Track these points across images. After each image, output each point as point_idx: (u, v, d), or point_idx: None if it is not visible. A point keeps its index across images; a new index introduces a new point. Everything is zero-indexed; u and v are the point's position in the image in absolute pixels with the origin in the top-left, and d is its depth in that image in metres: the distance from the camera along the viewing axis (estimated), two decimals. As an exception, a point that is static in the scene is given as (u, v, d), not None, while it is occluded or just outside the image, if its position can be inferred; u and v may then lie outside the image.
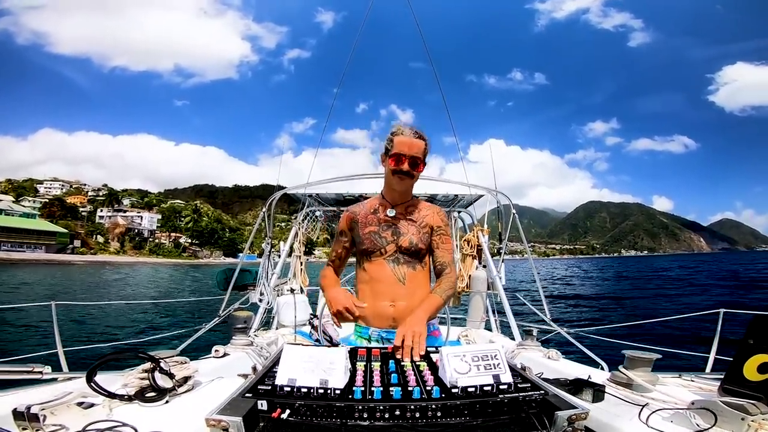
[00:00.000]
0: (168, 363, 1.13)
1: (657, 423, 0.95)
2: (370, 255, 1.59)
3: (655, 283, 27.79)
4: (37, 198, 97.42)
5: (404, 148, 1.50)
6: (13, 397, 1.01)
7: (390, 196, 1.63)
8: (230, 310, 3.40)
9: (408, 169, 1.51)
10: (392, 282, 1.55)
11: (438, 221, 1.63)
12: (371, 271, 1.58)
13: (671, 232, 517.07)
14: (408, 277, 1.55)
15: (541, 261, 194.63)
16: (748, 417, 0.86)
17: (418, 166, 1.53)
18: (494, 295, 3.72)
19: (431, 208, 1.67)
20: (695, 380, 1.30)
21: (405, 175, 1.53)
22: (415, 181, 1.60)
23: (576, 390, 1.16)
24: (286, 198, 4.24)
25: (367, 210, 1.65)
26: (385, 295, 1.55)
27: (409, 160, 1.50)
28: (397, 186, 1.57)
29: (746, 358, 0.94)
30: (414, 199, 1.68)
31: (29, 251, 67.17)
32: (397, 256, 1.56)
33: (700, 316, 2.99)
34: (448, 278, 1.54)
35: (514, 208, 3.79)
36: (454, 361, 0.91)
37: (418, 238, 1.57)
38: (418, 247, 1.57)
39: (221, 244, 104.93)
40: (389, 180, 1.59)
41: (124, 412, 0.97)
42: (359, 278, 1.65)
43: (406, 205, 1.63)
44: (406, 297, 1.54)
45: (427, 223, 1.61)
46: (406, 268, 1.56)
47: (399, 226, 1.59)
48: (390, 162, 1.53)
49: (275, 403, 0.82)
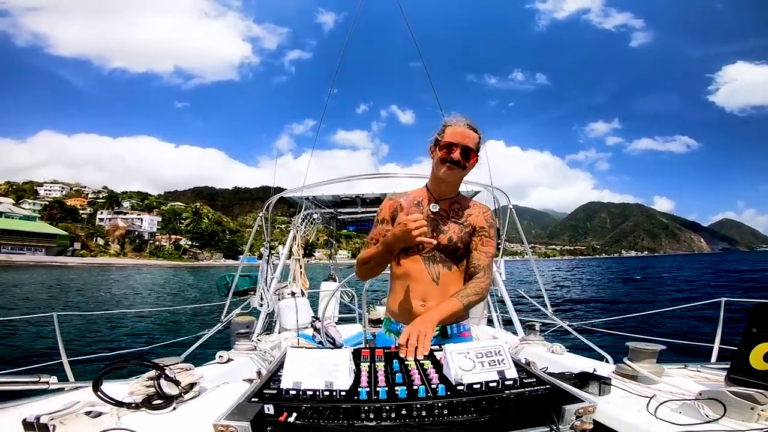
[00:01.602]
0: (173, 370, 1.13)
1: (666, 414, 0.95)
2: (407, 249, 1.51)
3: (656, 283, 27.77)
4: (38, 200, 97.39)
5: (457, 137, 1.43)
6: (21, 408, 1.01)
7: (436, 189, 1.55)
8: (232, 316, 3.40)
9: (459, 158, 1.43)
10: (426, 280, 1.50)
11: (482, 222, 1.54)
12: (406, 267, 1.53)
13: (671, 233, 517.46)
14: (442, 277, 1.50)
15: (542, 262, 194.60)
16: (758, 406, 0.87)
17: (470, 158, 1.46)
18: (495, 291, 3.73)
19: (478, 207, 1.58)
20: (701, 370, 1.30)
21: (455, 164, 1.44)
22: (465, 174, 1.52)
23: (582, 383, 1.16)
24: (284, 200, 4.23)
25: (411, 200, 1.57)
26: (417, 293, 1.52)
27: (460, 150, 1.43)
28: (446, 177, 1.48)
29: (751, 347, 0.94)
30: (460, 196, 1.60)
31: (29, 254, 67.16)
32: (434, 253, 1.50)
33: (702, 306, 2.99)
34: (477, 283, 1.47)
35: (513, 208, 3.79)
36: (458, 359, 0.91)
37: (458, 237, 1.50)
38: (456, 246, 1.50)
39: (221, 246, 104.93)
40: (437, 171, 1.50)
41: (132, 420, 0.97)
42: (393, 273, 1.60)
43: (451, 201, 1.55)
44: (437, 297, 1.49)
45: (470, 223, 1.53)
46: (441, 267, 1.50)
47: (441, 222, 1.52)
48: (440, 151, 1.46)
49: (282, 407, 0.82)
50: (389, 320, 1.62)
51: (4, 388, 1.08)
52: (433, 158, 1.52)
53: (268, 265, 3.79)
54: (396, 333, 1.57)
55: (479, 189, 3.97)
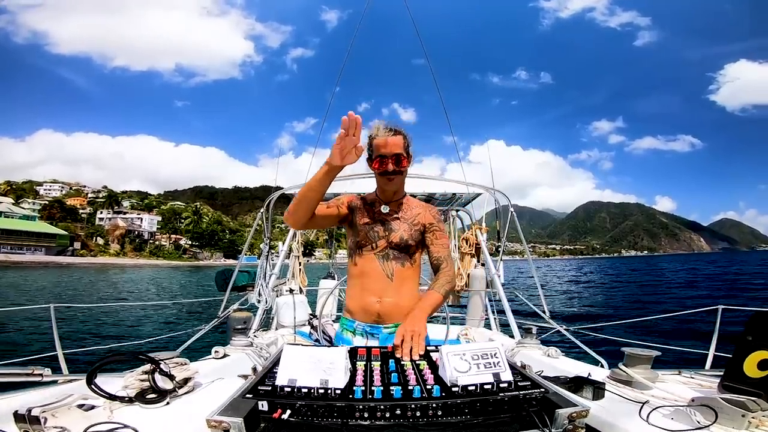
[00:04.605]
0: (168, 364, 1.13)
1: (657, 420, 0.95)
2: (362, 249, 1.62)
3: (655, 282, 27.83)
4: (37, 200, 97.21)
5: (384, 149, 1.52)
6: (13, 400, 1.00)
7: (383, 196, 1.66)
8: (229, 311, 3.40)
9: (393, 167, 1.53)
10: (380, 277, 1.58)
11: (430, 218, 1.65)
12: (361, 266, 1.62)
13: (671, 232, 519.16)
14: (396, 273, 1.59)
15: (542, 261, 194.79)
16: (749, 414, 0.87)
17: (402, 162, 1.55)
18: (493, 294, 3.73)
19: (424, 206, 1.70)
20: (695, 377, 1.30)
21: (392, 174, 1.55)
22: (405, 177, 1.63)
23: (576, 388, 1.16)
24: (285, 199, 4.23)
25: (366, 201, 1.69)
26: (373, 291, 1.59)
27: (392, 159, 1.53)
28: (390, 187, 1.60)
29: (746, 354, 0.94)
30: (407, 197, 1.71)
31: (29, 253, 67.05)
32: (387, 251, 1.59)
33: (698, 312, 2.99)
34: (446, 273, 1.57)
35: (512, 208, 3.79)
36: (454, 360, 0.91)
37: (409, 234, 1.60)
38: (408, 243, 1.60)
39: (221, 246, 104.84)
40: (380, 183, 1.62)
41: (124, 414, 0.97)
42: (350, 273, 1.69)
43: (399, 203, 1.66)
44: (393, 293, 1.57)
45: (419, 221, 1.63)
46: (395, 264, 1.59)
47: (391, 222, 1.62)
48: (375, 166, 1.56)
49: (276, 404, 0.82)
50: (346, 319, 1.66)
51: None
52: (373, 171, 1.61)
53: (267, 262, 3.79)
54: (352, 331, 1.62)
55: (480, 191, 3.97)
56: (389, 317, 1.58)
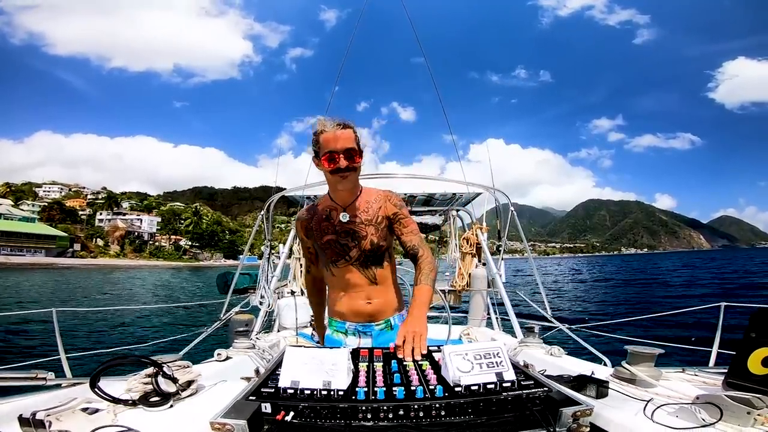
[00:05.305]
0: (171, 367, 1.13)
1: (662, 418, 0.95)
2: (336, 262, 1.54)
3: (656, 280, 27.79)
4: (36, 202, 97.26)
5: (333, 144, 1.38)
6: (18, 404, 1.01)
7: (339, 197, 1.52)
8: (231, 314, 3.40)
9: (346, 164, 1.40)
10: (364, 283, 1.55)
11: (393, 208, 1.55)
12: (340, 276, 1.56)
13: (671, 230, 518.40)
14: (378, 276, 1.55)
15: (541, 260, 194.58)
16: (754, 411, 0.86)
17: (355, 158, 1.41)
18: (495, 293, 3.72)
19: (382, 195, 1.57)
20: (699, 374, 1.30)
21: (345, 171, 1.41)
22: (359, 173, 1.48)
23: (579, 386, 1.16)
24: (284, 200, 4.23)
25: (320, 216, 1.55)
26: (360, 295, 1.56)
27: (344, 155, 1.39)
28: (344, 186, 1.46)
29: (749, 351, 0.94)
30: (363, 190, 1.57)
31: (29, 255, 67.03)
32: (363, 259, 1.53)
33: (701, 310, 2.99)
34: (426, 261, 1.48)
35: (512, 206, 3.79)
36: (457, 360, 0.91)
37: (377, 236, 1.51)
38: (380, 245, 1.53)
39: (221, 247, 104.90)
40: (333, 182, 1.46)
41: (128, 418, 0.97)
42: (330, 283, 1.62)
43: (356, 202, 1.53)
44: (380, 294, 1.56)
45: (382, 216, 1.53)
46: (374, 268, 1.54)
47: (357, 229, 1.50)
48: (324, 164, 1.42)
49: (279, 406, 0.82)
50: (336, 321, 1.63)
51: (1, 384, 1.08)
52: (321, 170, 1.47)
53: (268, 264, 3.80)
54: (344, 332, 1.60)
55: (480, 191, 3.97)
56: (380, 315, 1.57)
